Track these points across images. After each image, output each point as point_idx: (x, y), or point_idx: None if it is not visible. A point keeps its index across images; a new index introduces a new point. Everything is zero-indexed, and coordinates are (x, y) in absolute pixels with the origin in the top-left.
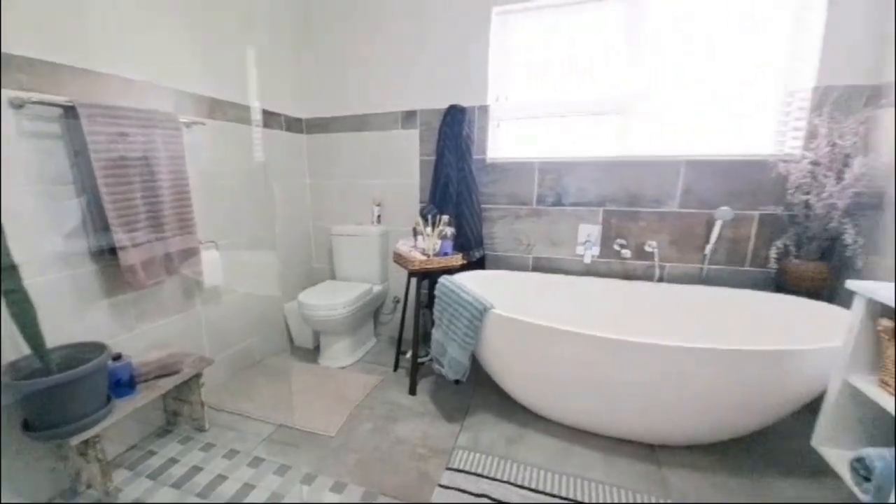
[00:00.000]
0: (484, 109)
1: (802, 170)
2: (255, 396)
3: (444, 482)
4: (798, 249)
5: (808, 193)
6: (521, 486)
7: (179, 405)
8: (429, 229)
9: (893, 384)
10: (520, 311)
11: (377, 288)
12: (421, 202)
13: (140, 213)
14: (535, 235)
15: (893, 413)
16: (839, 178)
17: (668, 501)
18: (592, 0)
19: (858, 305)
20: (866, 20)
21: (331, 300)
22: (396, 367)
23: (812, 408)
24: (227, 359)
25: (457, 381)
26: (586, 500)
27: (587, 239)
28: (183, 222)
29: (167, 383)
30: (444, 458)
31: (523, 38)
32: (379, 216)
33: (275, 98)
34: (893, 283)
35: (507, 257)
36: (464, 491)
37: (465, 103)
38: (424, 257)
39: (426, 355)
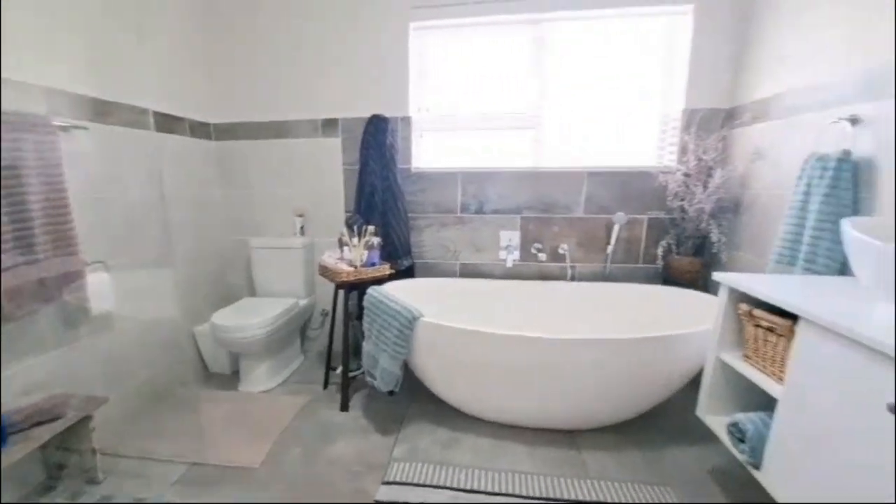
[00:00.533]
0: (407, 120)
1: (677, 180)
2: (163, 434)
3: (380, 497)
4: (678, 247)
5: (682, 200)
6: (457, 489)
7: (65, 456)
8: (355, 240)
9: (754, 358)
10: (449, 317)
11: (303, 302)
12: (346, 212)
13: (3, 233)
14: (461, 242)
15: (756, 382)
16: (705, 187)
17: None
18: (502, 23)
19: (723, 293)
20: (721, 55)
21: (249, 319)
22: (326, 384)
23: (695, 382)
24: (127, 395)
25: (390, 393)
26: (517, 493)
27: (508, 244)
28: (61, 241)
29: (45, 432)
30: (380, 472)
31: (441, 52)
32: (302, 227)
33: (177, 100)
34: (747, 274)
35: (435, 265)
36: (402, 503)
37: (388, 113)
38: (352, 268)
39: (358, 369)
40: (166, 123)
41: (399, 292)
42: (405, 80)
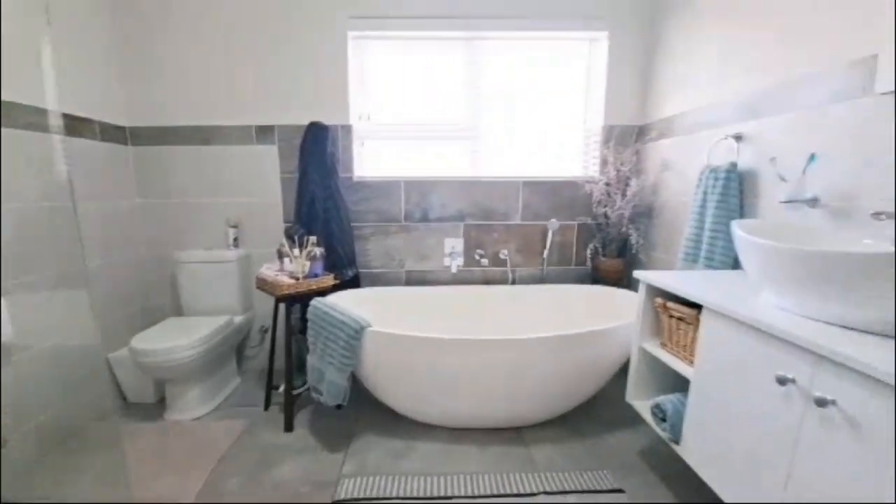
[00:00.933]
0: (348, 128)
1: (601, 189)
2: (75, 477)
3: None
4: (604, 249)
5: (605, 206)
6: (410, 498)
7: None
8: (296, 251)
9: (670, 345)
10: (397, 325)
11: (239, 319)
12: (286, 222)
13: None
14: (406, 250)
15: (673, 366)
16: (624, 195)
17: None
18: (439, 38)
19: (641, 289)
20: (632, 77)
21: (176, 341)
22: (268, 405)
23: (624, 371)
24: (28, 436)
25: (338, 407)
26: (469, 494)
27: (452, 251)
28: None
29: None
30: (330, 491)
31: (382, 62)
32: (236, 239)
33: (85, 101)
34: (660, 272)
35: (381, 274)
36: None
37: (327, 121)
38: (293, 280)
39: (302, 385)
40: (73, 126)
41: (345, 303)
42: (345, 89)
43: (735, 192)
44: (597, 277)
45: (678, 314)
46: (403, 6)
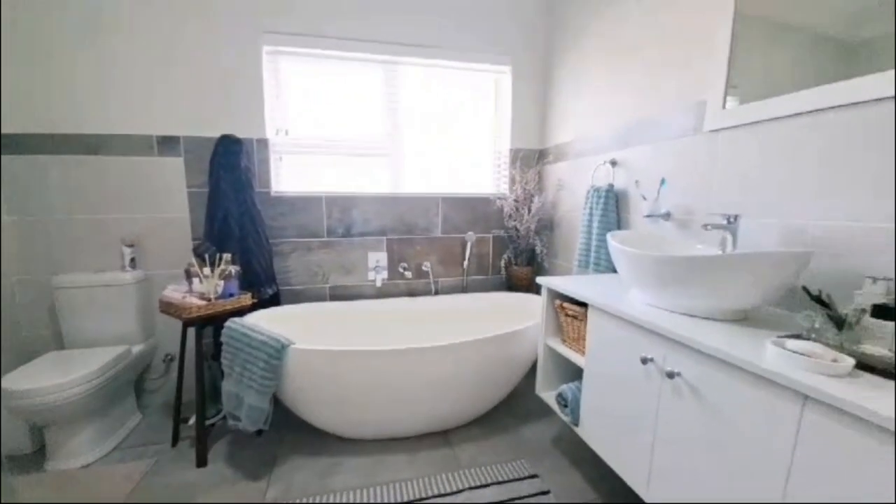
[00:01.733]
0: (264, 142)
1: (510, 204)
2: None
3: None
4: (516, 259)
5: (515, 220)
6: None
7: None
8: (207, 270)
9: (568, 340)
10: (322, 341)
11: (138, 348)
12: (194, 239)
13: None
14: (329, 266)
15: (571, 358)
16: (529, 210)
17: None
18: (355, 60)
19: (544, 293)
20: (533, 106)
21: (59, 377)
22: (176, 440)
23: (535, 367)
24: None
25: (258, 433)
26: (397, 501)
27: (376, 264)
28: None
29: None
30: None
31: (301, 78)
32: (133, 259)
33: None
34: (556, 277)
35: (304, 290)
36: None
37: (241, 134)
38: (205, 302)
39: (217, 415)
40: None
41: (264, 322)
42: (260, 103)
43: (613, 208)
44: (511, 284)
45: (572, 312)
46: (321, 27)
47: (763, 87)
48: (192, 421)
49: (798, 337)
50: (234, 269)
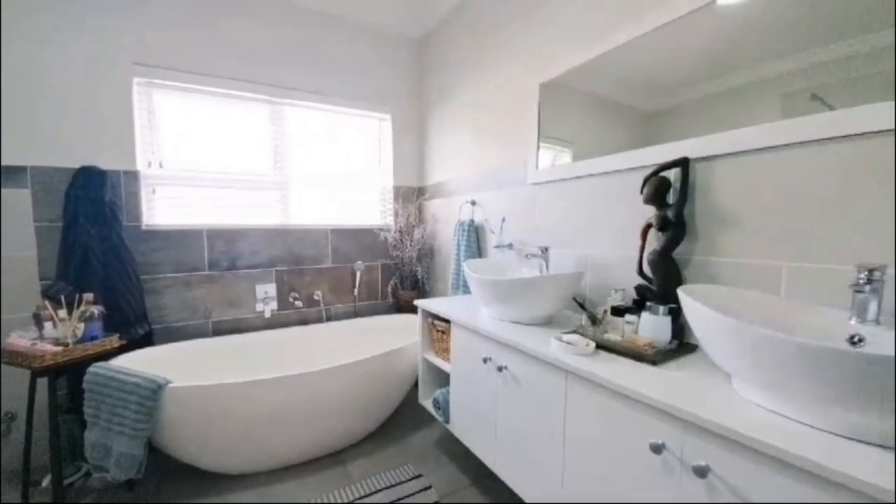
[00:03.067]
0: (133, 174)
1: (395, 236)
2: None
3: None
4: (402, 284)
5: (398, 250)
6: None
7: None
8: (63, 312)
9: (439, 352)
10: (205, 378)
11: None
12: (43, 280)
13: None
14: (212, 300)
15: (442, 367)
16: (411, 241)
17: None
18: (236, 99)
19: (420, 313)
20: (411, 150)
21: None
22: None
23: (416, 380)
24: None
25: (130, 487)
26: None
27: (265, 296)
28: None
29: None
30: None
31: (178, 110)
32: None
33: None
34: (427, 300)
35: (182, 327)
36: None
37: (105, 166)
38: (61, 347)
39: (77, 472)
40: None
41: (135, 364)
42: (130, 133)
43: (474, 239)
44: (399, 307)
45: (441, 328)
46: (198, 64)
47: (587, 148)
48: (46, 482)
49: (574, 332)
50: (96, 309)
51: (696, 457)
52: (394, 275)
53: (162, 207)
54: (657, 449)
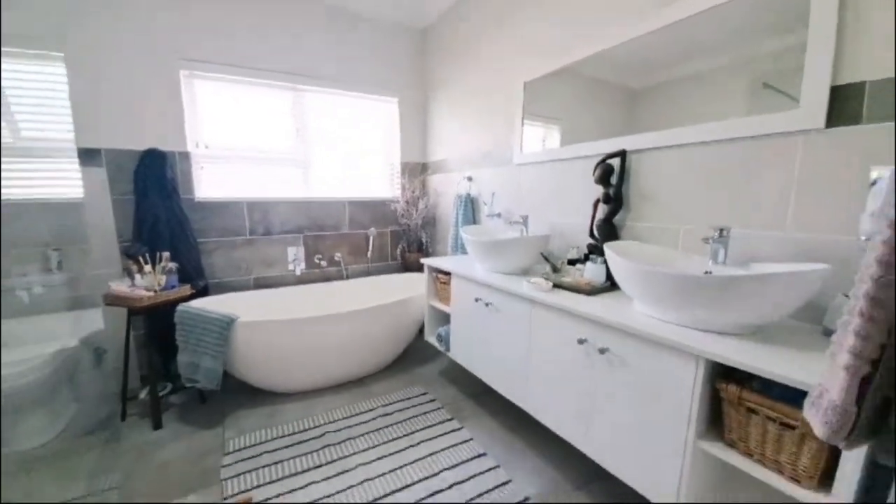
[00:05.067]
0: (185, 154)
1: (402, 207)
2: None
3: (226, 462)
4: (409, 247)
5: (406, 218)
6: (285, 435)
7: None
8: (148, 267)
9: (441, 298)
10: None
11: (73, 343)
12: (122, 242)
13: None
14: (252, 261)
15: (443, 309)
16: (417, 210)
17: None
18: (263, 86)
19: (427, 270)
20: (416, 129)
21: (16, 356)
22: (124, 415)
23: (423, 327)
24: None
25: (203, 400)
26: (328, 420)
27: (295, 257)
28: None
29: None
30: (219, 453)
31: (215, 97)
32: (60, 262)
33: None
34: (433, 258)
35: (229, 283)
36: (246, 459)
37: (164, 147)
38: (152, 293)
39: (163, 389)
40: None
41: (207, 306)
42: (181, 119)
43: (470, 209)
44: (406, 267)
45: (443, 280)
46: (232, 56)
47: (575, 125)
48: (143, 394)
49: (541, 277)
50: (173, 265)
51: (602, 343)
52: (402, 239)
53: (209, 182)
54: (581, 342)
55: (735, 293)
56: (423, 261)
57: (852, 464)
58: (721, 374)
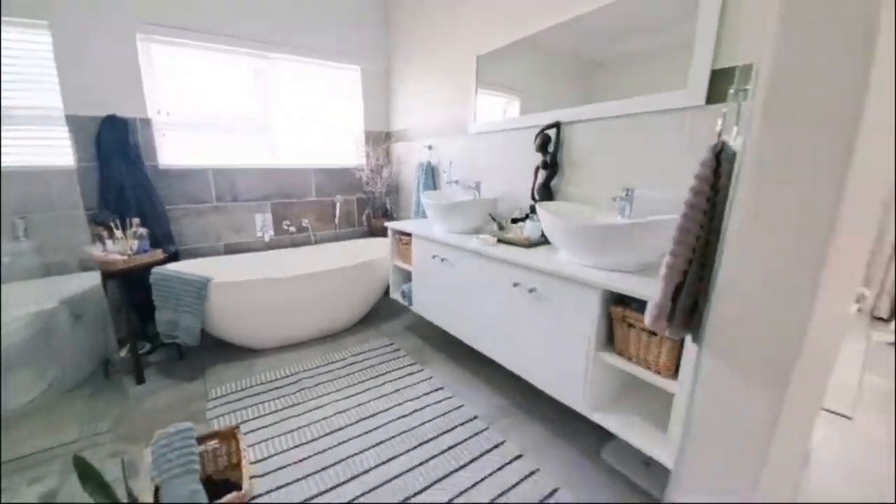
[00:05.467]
0: (147, 121)
1: (367, 175)
2: None
3: (210, 406)
4: (375, 213)
5: (371, 186)
6: (267, 382)
7: None
8: (119, 232)
9: (404, 258)
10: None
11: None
12: (88, 209)
13: None
14: (221, 227)
15: (406, 268)
16: (381, 178)
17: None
18: (225, 52)
19: (390, 233)
20: (379, 98)
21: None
22: (107, 373)
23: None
24: None
25: (181, 356)
26: (304, 368)
27: (263, 224)
28: None
29: None
30: (202, 400)
31: (175, 63)
32: (26, 230)
33: None
34: (396, 222)
35: (198, 249)
36: (229, 402)
37: (123, 114)
38: (126, 256)
39: (142, 349)
40: None
41: (183, 268)
42: (139, 84)
43: (431, 176)
44: (372, 232)
45: (405, 241)
46: (190, 21)
47: (534, 94)
48: (123, 352)
49: (489, 234)
50: (144, 230)
51: (532, 284)
52: (367, 206)
53: (172, 150)
54: (516, 284)
55: (617, 238)
56: (386, 224)
57: (689, 360)
58: (613, 301)
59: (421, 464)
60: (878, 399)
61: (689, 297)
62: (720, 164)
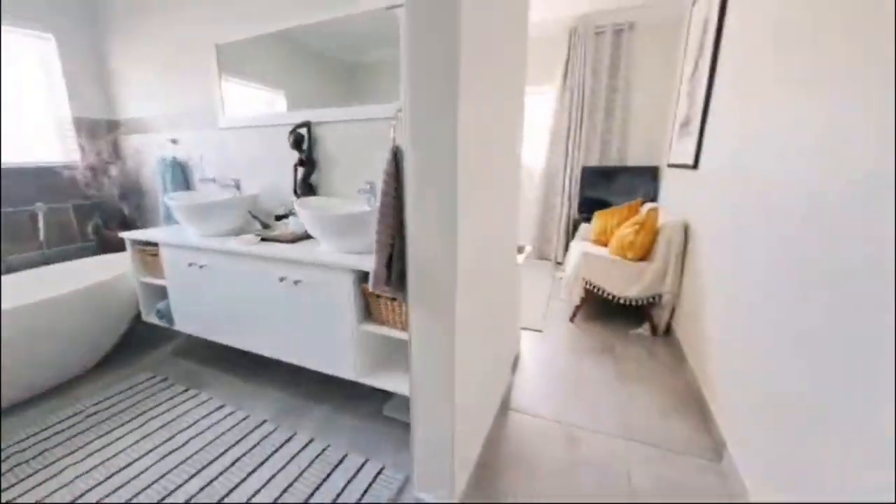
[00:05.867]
0: None
1: (85, 173)
2: None
3: None
4: (107, 223)
5: (95, 189)
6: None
7: None
8: None
9: (152, 274)
10: None
11: None
12: None
13: None
14: None
15: (158, 282)
16: (110, 178)
17: None
18: None
19: (129, 243)
20: (90, 76)
21: None
22: None
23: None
24: None
25: None
26: (19, 440)
27: None
28: None
29: None
30: None
31: None
32: None
33: None
34: (138, 231)
35: None
36: None
37: None
38: None
39: None
40: None
41: None
42: None
43: (179, 174)
44: (107, 248)
45: (152, 252)
46: None
47: (301, 91)
48: None
49: (251, 234)
50: None
51: (296, 277)
52: (94, 215)
53: None
54: (282, 279)
55: (357, 224)
56: (121, 234)
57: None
58: (364, 279)
59: (207, 484)
60: (558, 317)
61: (400, 263)
62: (398, 162)
